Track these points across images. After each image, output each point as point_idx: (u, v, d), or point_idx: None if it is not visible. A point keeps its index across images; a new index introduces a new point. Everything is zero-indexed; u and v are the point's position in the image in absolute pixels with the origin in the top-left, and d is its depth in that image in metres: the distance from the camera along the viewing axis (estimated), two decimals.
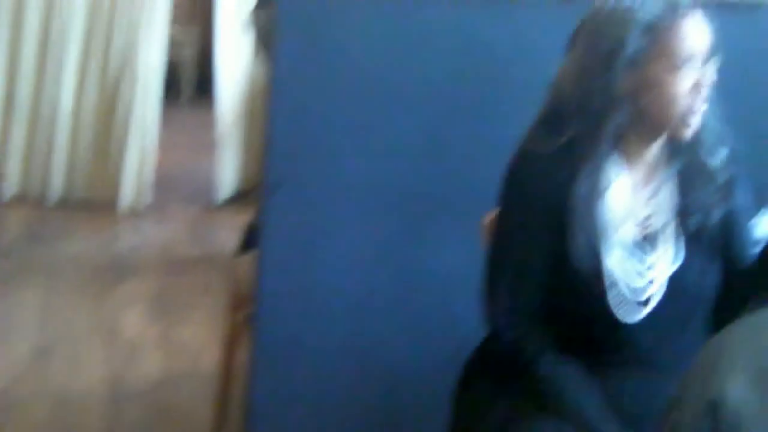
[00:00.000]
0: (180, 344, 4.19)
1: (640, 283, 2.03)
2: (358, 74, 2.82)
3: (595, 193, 2.00)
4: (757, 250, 2.14)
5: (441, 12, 2.83)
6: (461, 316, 2.12)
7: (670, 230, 2.08)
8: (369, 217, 2.89)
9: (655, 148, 2.08)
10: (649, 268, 2.05)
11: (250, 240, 3.26)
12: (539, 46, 2.14)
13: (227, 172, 6.16)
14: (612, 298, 2.01)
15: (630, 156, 2.06)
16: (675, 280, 2.05)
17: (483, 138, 2.75)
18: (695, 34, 2.00)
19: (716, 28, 2.01)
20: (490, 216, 2.21)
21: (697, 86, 1.99)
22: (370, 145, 2.85)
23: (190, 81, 9.25)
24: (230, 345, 3.26)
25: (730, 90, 2.19)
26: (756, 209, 2.23)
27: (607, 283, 2.01)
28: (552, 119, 2.06)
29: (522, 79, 2.27)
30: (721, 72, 2.04)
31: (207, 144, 6.47)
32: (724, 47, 2.20)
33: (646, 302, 2.03)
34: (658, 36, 1.98)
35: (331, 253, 2.87)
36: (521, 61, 2.39)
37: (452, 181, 2.86)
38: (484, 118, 2.86)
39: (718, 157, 2.10)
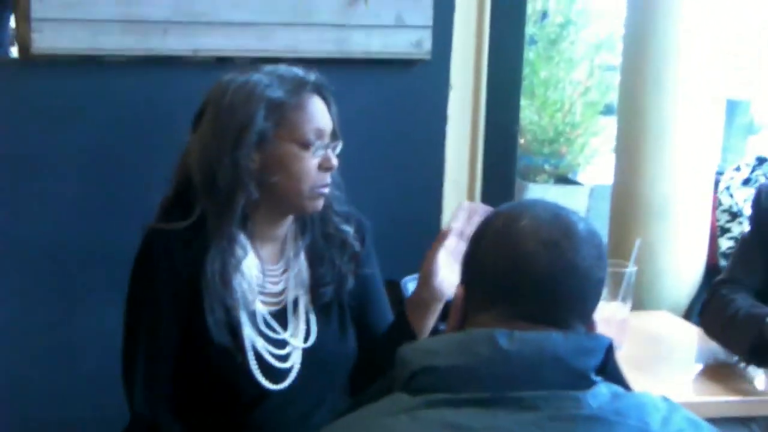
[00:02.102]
0: None
1: (279, 351, 2.04)
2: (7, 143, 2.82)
3: (226, 269, 1.98)
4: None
5: (98, 74, 2.86)
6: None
7: (303, 304, 2.10)
8: (26, 281, 2.89)
9: (284, 226, 2.09)
10: (285, 341, 2.06)
11: None
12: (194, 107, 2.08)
13: None
14: (254, 367, 2.01)
15: (258, 234, 2.05)
16: (310, 354, 2.07)
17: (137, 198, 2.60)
18: (321, 113, 2.01)
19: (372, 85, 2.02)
20: None
21: (324, 164, 2.00)
22: (22, 211, 2.86)
23: None
24: None
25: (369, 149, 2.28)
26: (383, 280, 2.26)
27: (248, 352, 2.00)
28: (182, 194, 2.02)
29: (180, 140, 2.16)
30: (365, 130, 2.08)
31: None
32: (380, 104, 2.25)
33: (289, 370, 2.04)
34: (286, 115, 1.97)
35: None
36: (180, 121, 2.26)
37: (104, 241, 2.83)
38: (138, 178, 2.84)
39: (346, 231, 2.12)
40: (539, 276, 1.32)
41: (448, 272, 2.05)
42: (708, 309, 2.62)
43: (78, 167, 2.91)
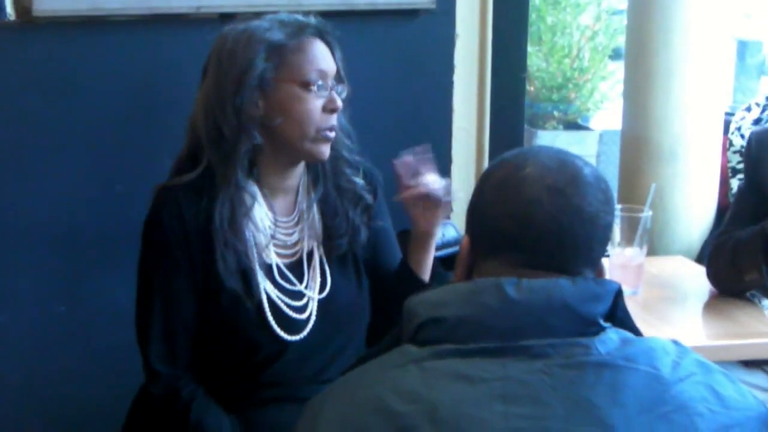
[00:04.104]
0: None
1: (295, 303, 2.05)
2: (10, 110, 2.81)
3: (236, 216, 1.99)
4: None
5: (100, 34, 2.84)
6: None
7: (318, 256, 2.11)
8: (37, 256, 2.89)
9: (295, 177, 2.09)
10: (301, 292, 2.07)
11: None
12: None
13: None
14: (271, 317, 2.02)
15: (269, 185, 2.06)
16: (326, 304, 2.08)
17: (146, 162, 2.62)
18: (323, 55, 1.99)
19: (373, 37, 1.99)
20: None
21: (327, 107, 1.99)
22: (30, 184, 2.85)
23: None
24: None
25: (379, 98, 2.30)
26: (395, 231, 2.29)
27: (263, 303, 2.01)
28: (194, 151, 2.04)
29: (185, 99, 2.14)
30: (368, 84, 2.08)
31: None
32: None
33: (306, 321, 2.05)
34: (286, 57, 1.97)
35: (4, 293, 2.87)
36: (185, 79, 2.25)
37: (119, 215, 2.82)
38: (145, 140, 2.86)
39: (358, 182, 2.14)
40: (545, 223, 1.31)
41: (422, 212, 2.13)
42: (713, 260, 2.61)
43: (83, 130, 2.89)
